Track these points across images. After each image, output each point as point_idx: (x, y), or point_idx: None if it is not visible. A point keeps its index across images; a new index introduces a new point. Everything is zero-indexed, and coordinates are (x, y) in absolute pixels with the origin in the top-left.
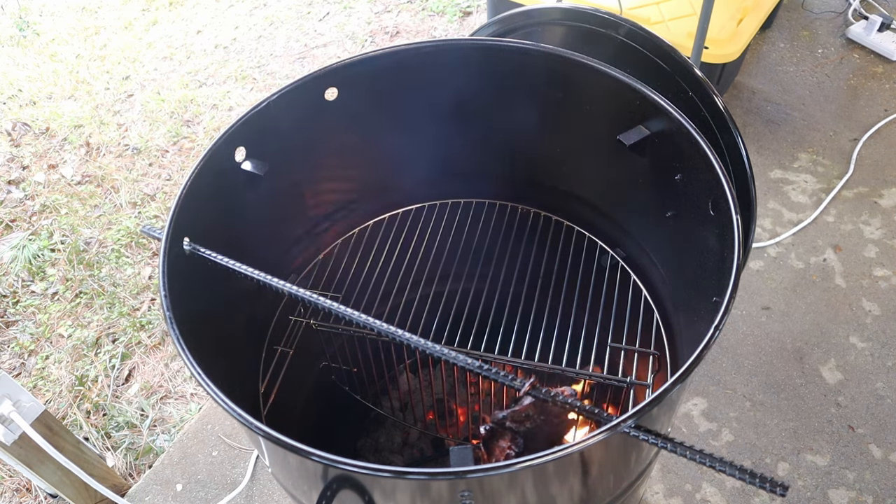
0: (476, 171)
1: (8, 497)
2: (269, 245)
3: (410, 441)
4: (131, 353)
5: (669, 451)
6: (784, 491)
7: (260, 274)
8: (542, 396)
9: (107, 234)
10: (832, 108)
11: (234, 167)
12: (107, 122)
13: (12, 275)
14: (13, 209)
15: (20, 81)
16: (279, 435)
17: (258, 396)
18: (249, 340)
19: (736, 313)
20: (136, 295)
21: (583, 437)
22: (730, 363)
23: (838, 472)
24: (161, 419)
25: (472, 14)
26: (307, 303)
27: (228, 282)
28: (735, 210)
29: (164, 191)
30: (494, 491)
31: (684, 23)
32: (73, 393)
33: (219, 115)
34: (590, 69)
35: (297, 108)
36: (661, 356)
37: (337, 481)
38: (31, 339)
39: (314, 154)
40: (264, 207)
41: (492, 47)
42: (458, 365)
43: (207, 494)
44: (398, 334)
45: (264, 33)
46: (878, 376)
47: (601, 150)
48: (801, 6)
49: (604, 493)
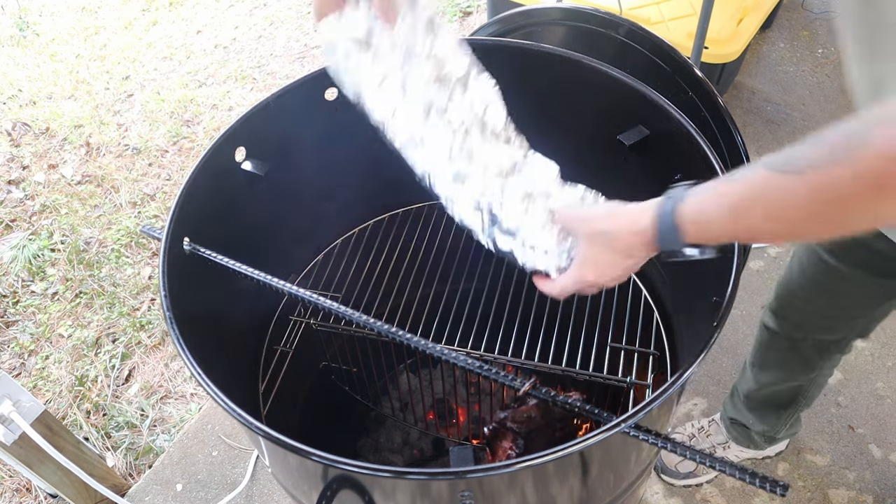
0: None
1: (8, 497)
2: (269, 245)
3: (410, 441)
4: (131, 353)
5: (669, 450)
6: (784, 491)
7: (260, 274)
8: (542, 396)
9: (107, 234)
10: (832, 108)
11: (234, 167)
12: (107, 122)
13: (12, 275)
14: (13, 209)
15: (20, 81)
16: (279, 435)
17: (258, 396)
18: (249, 340)
19: (736, 313)
20: (136, 295)
21: (583, 437)
22: (730, 363)
23: (838, 472)
24: (161, 419)
25: (472, 14)
26: (307, 303)
27: (228, 282)
28: None
29: (164, 191)
30: (494, 491)
31: (684, 23)
32: (73, 393)
33: (219, 115)
34: (590, 69)
35: (297, 108)
36: (661, 356)
37: (337, 481)
38: (31, 339)
39: (314, 154)
40: (264, 207)
41: (492, 47)
42: (458, 365)
43: (207, 494)
44: (398, 334)
45: (264, 33)
46: (878, 376)
47: (601, 150)
48: (801, 6)
49: (604, 493)
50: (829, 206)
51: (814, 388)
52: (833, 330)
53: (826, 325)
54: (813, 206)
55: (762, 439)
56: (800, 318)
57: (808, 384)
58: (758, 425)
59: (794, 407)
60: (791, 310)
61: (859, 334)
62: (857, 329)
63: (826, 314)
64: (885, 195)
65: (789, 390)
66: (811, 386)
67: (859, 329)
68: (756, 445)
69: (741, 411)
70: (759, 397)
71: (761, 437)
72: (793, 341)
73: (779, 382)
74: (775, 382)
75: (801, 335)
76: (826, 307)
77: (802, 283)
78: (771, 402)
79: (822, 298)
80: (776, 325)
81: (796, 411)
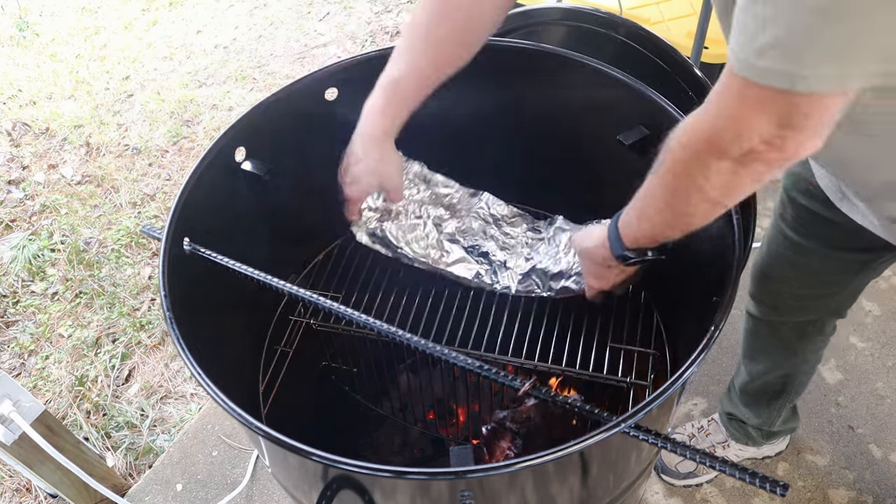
0: (475, 170)
1: (8, 497)
2: (269, 245)
3: (410, 441)
4: (131, 353)
5: (669, 450)
6: (784, 491)
7: (260, 274)
8: (542, 397)
9: (107, 234)
10: None
11: (234, 167)
12: (107, 122)
13: (12, 275)
14: (13, 209)
15: (20, 81)
16: (279, 435)
17: (258, 396)
18: (249, 340)
19: (736, 313)
20: (136, 295)
21: (583, 437)
22: (730, 363)
23: (838, 472)
24: (161, 419)
25: None
26: (307, 303)
27: (228, 282)
28: (735, 210)
29: (164, 191)
30: (494, 491)
31: (684, 23)
32: (73, 393)
33: (219, 115)
34: (590, 69)
35: (297, 108)
36: (661, 356)
37: (337, 481)
38: (31, 339)
39: (314, 154)
40: (264, 207)
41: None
42: (458, 365)
43: (207, 494)
44: (398, 334)
45: (264, 33)
46: (878, 376)
47: (601, 150)
48: None
49: (604, 493)
50: (671, 196)
51: (801, 375)
52: (807, 310)
53: (799, 305)
54: (665, 198)
55: (759, 434)
56: (774, 300)
57: (794, 371)
58: (753, 419)
59: (785, 396)
60: (766, 292)
61: (835, 313)
62: (830, 308)
63: (796, 293)
64: (679, 184)
65: (777, 379)
66: (797, 373)
67: (833, 308)
68: (754, 441)
69: (737, 405)
70: (751, 390)
71: (758, 431)
72: (773, 326)
73: (767, 372)
74: (764, 372)
75: (779, 318)
76: (796, 286)
77: (771, 262)
78: (762, 393)
79: (792, 276)
80: (756, 310)
81: (787, 401)
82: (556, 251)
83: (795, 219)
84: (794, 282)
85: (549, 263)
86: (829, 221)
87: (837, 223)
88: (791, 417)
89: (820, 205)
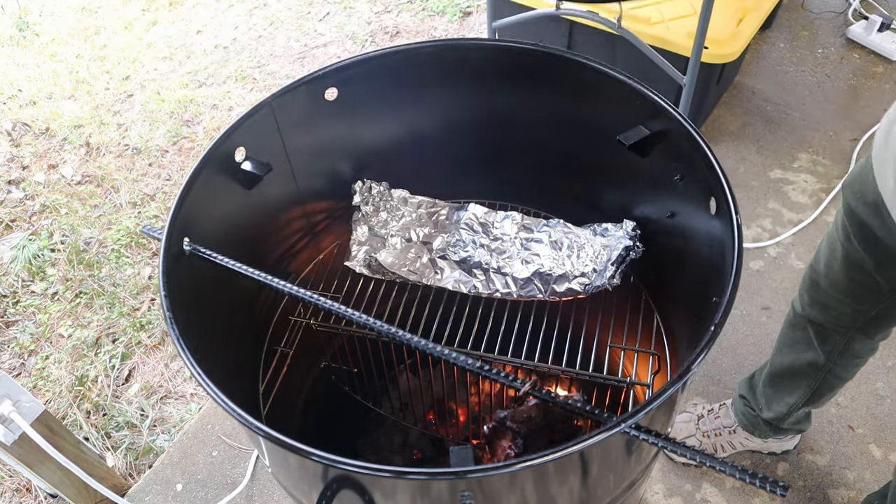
0: (475, 171)
1: (8, 497)
2: (269, 245)
3: (410, 441)
4: (131, 353)
5: (669, 451)
6: (784, 491)
7: (260, 274)
8: (542, 397)
9: (107, 234)
10: (832, 109)
11: (234, 167)
12: (107, 122)
13: (12, 275)
14: (13, 209)
15: (20, 81)
16: (279, 435)
17: (258, 396)
18: (249, 340)
19: (736, 313)
20: (136, 295)
21: (583, 437)
22: (730, 363)
23: (838, 472)
24: (161, 419)
25: (472, 14)
26: (307, 303)
27: (228, 282)
28: (735, 210)
29: (164, 191)
30: (494, 491)
31: (684, 23)
32: (73, 393)
33: (219, 115)
34: (590, 69)
35: (297, 108)
36: (661, 356)
37: (337, 481)
38: (31, 339)
39: (314, 154)
40: (264, 207)
41: (492, 47)
42: (458, 365)
43: (207, 494)
44: (398, 334)
45: (264, 33)
46: (878, 376)
47: (601, 150)
48: (801, 6)
49: (604, 493)
50: None
51: (824, 386)
52: (839, 316)
53: (829, 306)
54: None
55: (768, 428)
56: (811, 297)
57: (816, 377)
58: (766, 412)
59: (802, 398)
60: (811, 288)
61: (862, 331)
62: (858, 323)
63: (830, 293)
64: None
65: (799, 377)
66: (822, 384)
67: (861, 324)
68: (762, 434)
69: (753, 392)
70: (771, 380)
71: (767, 426)
72: (805, 321)
73: (790, 366)
74: (787, 365)
75: (811, 315)
76: (836, 289)
77: (819, 259)
78: (781, 387)
79: (835, 277)
80: (798, 304)
81: (802, 403)
82: (558, 254)
83: (854, 231)
84: (839, 284)
85: (551, 266)
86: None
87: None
88: (804, 420)
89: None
